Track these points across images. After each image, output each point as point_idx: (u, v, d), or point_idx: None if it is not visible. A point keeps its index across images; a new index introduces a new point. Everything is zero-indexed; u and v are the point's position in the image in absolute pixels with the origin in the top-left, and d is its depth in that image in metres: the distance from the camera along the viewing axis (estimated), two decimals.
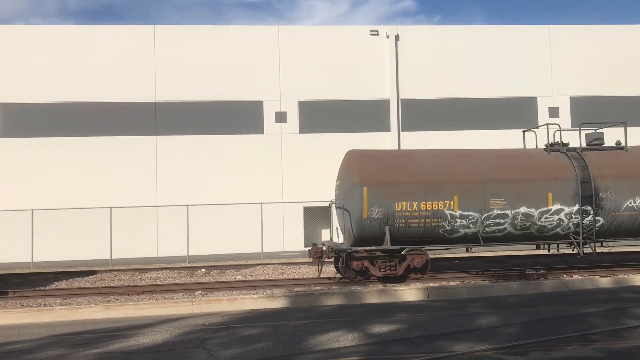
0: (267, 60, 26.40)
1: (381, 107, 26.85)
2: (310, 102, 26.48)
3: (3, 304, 12.97)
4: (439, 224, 14.88)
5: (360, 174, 14.88)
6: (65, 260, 23.20)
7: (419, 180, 14.93)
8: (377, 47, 27.11)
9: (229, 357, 7.78)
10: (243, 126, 26.10)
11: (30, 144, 24.89)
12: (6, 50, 25.07)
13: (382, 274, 14.84)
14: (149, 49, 25.85)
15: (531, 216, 15.19)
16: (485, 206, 15.00)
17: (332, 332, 9.16)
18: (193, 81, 25.86)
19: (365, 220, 14.62)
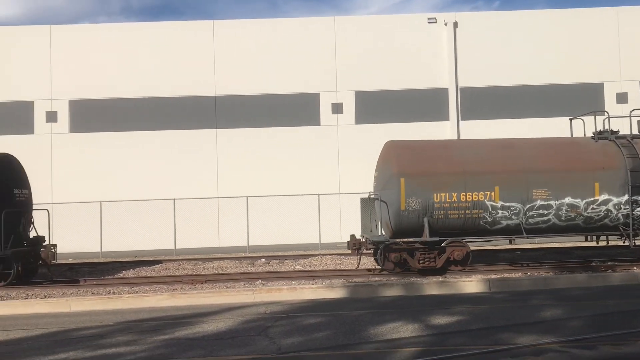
0: (323, 51, 26.44)
1: (439, 96, 26.45)
2: (366, 93, 26.38)
3: (75, 291, 13.61)
4: (480, 216, 14.56)
5: (398, 164, 14.71)
6: (132, 250, 24.08)
7: (458, 170, 14.64)
8: (435, 35, 26.68)
9: (290, 345, 7.90)
10: (300, 118, 26.29)
11: (97, 138, 25.90)
12: (73, 49, 26.12)
13: (421, 266, 14.65)
14: (208, 44, 26.37)
15: (577, 207, 14.68)
16: (528, 197, 14.58)
17: (392, 322, 9.15)
18: (251, 74, 26.22)
19: (403, 211, 14.44)
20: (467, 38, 26.60)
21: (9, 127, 25.51)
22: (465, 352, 7.21)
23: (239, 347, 7.89)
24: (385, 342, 8.00)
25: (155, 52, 26.23)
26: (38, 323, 10.42)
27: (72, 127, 26.03)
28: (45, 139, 25.82)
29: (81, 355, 7.77)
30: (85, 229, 23.98)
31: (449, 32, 26.53)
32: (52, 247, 15.58)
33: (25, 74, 25.79)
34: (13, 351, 8.18)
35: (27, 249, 15.49)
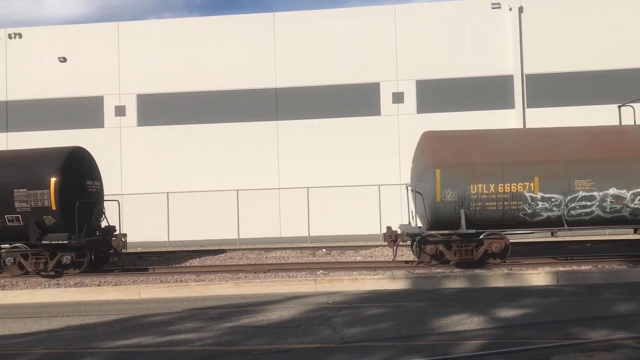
0: (383, 40, 26.20)
1: (504, 83, 25.72)
2: (428, 81, 25.96)
3: (145, 279, 14.12)
4: (519, 207, 14.11)
5: (434, 155, 14.41)
6: (197, 239, 24.74)
7: (495, 161, 14.23)
8: (499, 20, 25.93)
9: (353, 335, 7.93)
10: (360, 108, 26.18)
11: (164, 131, 26.67)
12: (139, 45, 26.94)
13: (458, 259, 14.36)
14: (269, 36, 26.62)
15: (622, 198, 14.02)
16: (570, 188, 14.05)
17: (456, 314, 9.03)
18: (311, 66, 26.30)
19: (439, 203, 14.13)
20: (533, 23, 25.70)
21: (81, 121, 26.63)
22: (534, 345, 7.03)
23: (303, 336, 7.98)
24: (449, 334, 7.90)
25: (218, 46, 26.70)
26: (110, 309, 10.90)
27: (139, 120, 26.93)
28: (115, 132, 26.84)
29: (151, 341, 8.07)
30: (153, 219, 24.81)
31: (513, 18, 25.72)
32: (123, 237, 16.22)
33: (95, 70, 26.82)
34: (89, 335, 8.58)
35: (99, 238, 16.18)
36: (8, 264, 15.42)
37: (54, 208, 14.99)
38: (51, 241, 15.12)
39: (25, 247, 15.36)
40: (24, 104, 27.07)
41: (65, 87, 26.79)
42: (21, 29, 27.56)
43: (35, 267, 15.26)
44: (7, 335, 8.79)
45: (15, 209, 15.09)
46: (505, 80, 25.72)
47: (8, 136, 26.67)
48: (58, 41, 27.04)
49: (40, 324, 9.59)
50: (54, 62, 26.89)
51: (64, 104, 26.83)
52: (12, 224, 15.22)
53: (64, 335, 8.63)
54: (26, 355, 7.53)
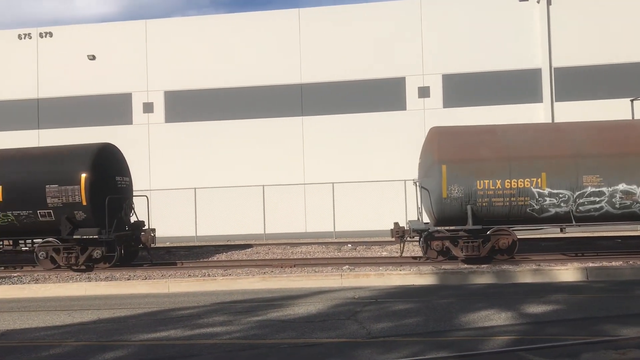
0: (408, 34, 26.03)
1: (531, 77, 25.35)
2: (454, 75, 25.74)
3: (174, 273, 14.31)
4: (526, 203, 13.94)
5: (440, 151, 14.30)
6: (224, 234, 24.97)
7: (502, 156, 14.06)
8: (527, 13, 25.55)
9: (380, 330, 7.94)
10: (385, 103, 26.07)
11: (190, 127, 26.94)
12: (167, 42, 27.23)
13: (464, 255, 14.24)
14: (294, 32, 26.66)
15: (632, 194, 13.77)
16: (578, 183, 13.84)
17: (483, 310, 8.97)
18: (336, 61, 26.27)
19: (445, 199, 14.05)
20: (562, 15, 25.26)
21: (110, 118, 27.06)
22: (563, 342, 6.96)
23: (330, 331, 8.02)
24: (477, 329, 7.85)
25: (243, 43, 26.84)
26: (140, 302, 11.08)
27: (167, 117, 27.24)
28: (143, 129, 27.19)
29: (181, 334, 8.19)
30: (181, 214, 25.10)
31: (541, 10, 25.32)
32: (152, 231, 16.46)
33: (123, 68, 27.20)
34: (120, 328, 8.74)
35: (129, 233, 16.44)
36: (41, 258, 15.77)
37: (85, 203, 15.27)
38: (82, 236, 15.42)
39: (57, 241, 15.69)
40: (54, 102, 27.60)
41: (95, 85, 27.24)
42: (52, 27, 28.08)
43: (67, 261, 15.58)
44: (41, 327, 9.00)
45: (47, 205, 15.41)
46: (533, 73, 25.36)
47: (40, 133, 27.23)
48: (87, 39, 27.48)
49: (73, 316, 9.80)
50: (83, 60, 27.34)
51: (93, 101, 27.29)
52: (44, 219, 15.56)
53: (95, 328, 8.81)
54: (59, 346, 7.71)
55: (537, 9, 25.39)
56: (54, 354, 7.36)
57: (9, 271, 15.98)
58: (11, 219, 15.58)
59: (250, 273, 13.78)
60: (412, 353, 6.76)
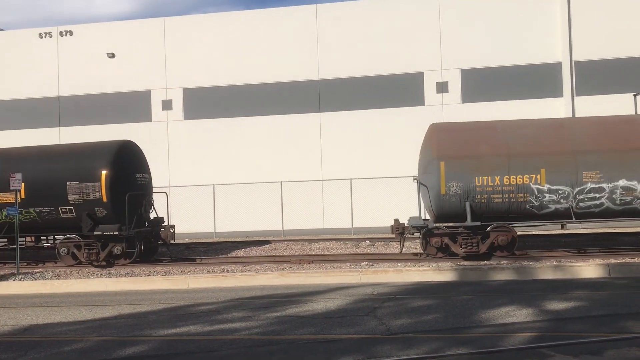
0: (427, 29, 25.86)
1: (552, 71, 25.05)
2: (473, 70, 25.53)
3: (193, 269, 14.40)
4: (526, 200, 13.84)
5: (438, 147, 14.24)
6: (243, 230, 25.08)
7: (501, 152, 13.94)
8: (547, 6, 25.22)
9: (399, 327, 7.91)
10: (403, 99, 25.95)
11: (209, 124, 27.07)
12: (185, 39, 27.37)
13: (463, 252, 14.14)
14: (311, 28, 26.64)
15: (633, 190, 13.58)
16: (578, 179, 13.70)
17: (504, 307, 8.89)
18: (353, 57, 26.19)
19: (444, 196, 13.96)
20: (583, 8, 24.90)
21: (130, 115, 27.30)
22: (586, 339, 6.87)
23: (349, 327, 8.01)
24: (497, 326, 7.79)
25: (261, 39, 26.88)
26: (160, 298, 11.17)
27: (185, 114, 27.41)
28: (162, 126, 27.39)
29: (200, 330, 8.24)
30: (200, 211, 25.25)
31: (562, 3, 24.97)
32: (171, 228, 16.57)
33: (142, 65, 27.42)
34: (140, 323, 8.82)
35: (149, 229, 16.57)
36: (62, 254, 15.98)
37: (105, 200, 15.42)
38: (102, 232, 15.58)
39: (78, 238, 15.87)
40: (75, 100, 27.92)
41: (114, 82, 27.49)
42: (72, 26, 28.38)
43: (88, 257, 15.76)
44: (64, 323, 9.12)
45: (68, 201, 15.59)
46: (553, 67, 25.06)
47: (60, 131, 27.58)
48: (107, 37, 27.74)
49: (94, 312, 9.92)
50: (103, 58, 27.61)
51: (112, 98, 27.55)
52: (65, 216, 15.75)
53: (116, 323, 8.90)
54: (81, 342, 7.81)
55: (558, 2, 25.06)
56: (76, 349, 7.45)
57: (32, 267, 16.22)
58: (33, 216, 15.79)
59: (268, 269, 13.82)
60: (431, 350, 6.73)
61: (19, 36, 28.85)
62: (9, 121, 27.88)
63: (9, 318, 9.61)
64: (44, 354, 7.23)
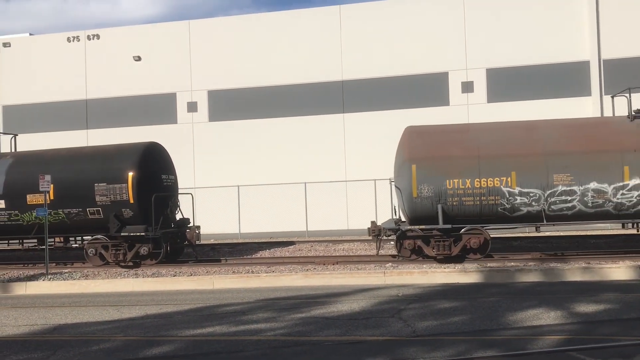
0: (451, 29, 25.65)
1: (579, 69, 24.63)
2: (498, 69, 25.23)
3: (218, 270, 14.48)
4: (497, 202, 13.76)
5: (410, 150, 14.29)
6: (267, 231, 25.15)
7: (472, 155, 13.90)
8: (574, 4, 24.81)
9: (425, 329, 7.84)
10: (428, 99, 25.76)
11: (234, 126, 27.23)
12: (209, 42, 27.56)
13: (435, 254, 14.13)
14: (335, 29, 26.62)
15: (604, 192, 13.44)
16: (549, 182, 13.61)
17: (531, 309, 8.75)
18: (377, 57, 26.10)
19: (416, 198, 14.00)
20: (611, 5, 24.44)
21: (155, 117, 27.61)
22: (617, 342, 6.72)
23: (374, 328, 7.96)
24: (525, 328, 7.67)
25: (284, 41, 26.95)
26: (186, 299, 11.25)
27: (210, 116, 27.61)
28: (187, 127, 27.64)
29: (226, 330, 8.27)
30: (225, 212, 25.38)
31: (590, 1, 24.55)
32: (197, 229, 16.69)
33: (168, 68, 27.70)
34: (166, 324, 8.90)
35: (174, 230, 16.71)
36: (90, 255, 16.20)
37: (132, 201, 15.59)
38: (129, 233, 15.76)
39: (105, 238, 16.08)
40: (102, 102, 28.33)
41: (140, 85, 27.83)
42: (99, 30, 28.84)
43: (115, 257, 15.95)
44: (92, 322, 9.24)
45: (96, 202, 15.81)
46: (581, 66, 24.65)
47: (88, 133, 28.01)
48: (133, 41, 28.09)
49: (121, 312, 10.03)
50: (129, 61, 27.97)
51: (139, 101, 27.90)
52: (93, 217, 15.97)
53: (143, 323, 8.98)
54: (109, 341, 7.90)
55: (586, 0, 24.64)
56: (103, 349, 7.54)
57: (60, 267, 16.48)
58: (62, 217, 16.04)
59: (293, 270, 13.82)
60: (458, 352, 6.65)
61: (48, 41, 29.40)
62: (38, 124, 28.40)
63: (39, 317, 9.77)
64: (72, 353, 7.33)
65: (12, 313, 10.30)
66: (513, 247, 17.30)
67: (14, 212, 16.37)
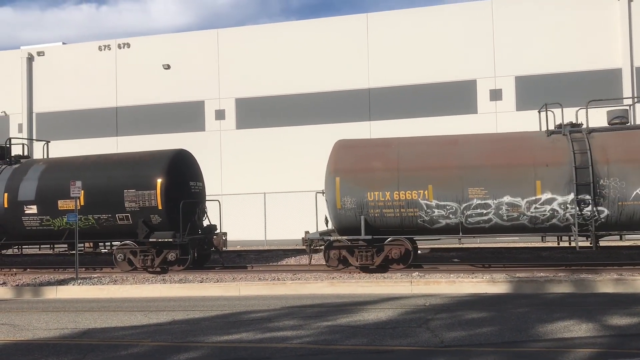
0: (480, 37, 25.46)
1: (611, 77, 24.20)
2: (527, 77, 24.94)
3: (244, 276, 14.54)
4: (416, 214, 14.19)
5: (335, 163, 14.76)
6: (293, 238, 25.12)
7: (392, 168, 14.31)
8: (606, 11, 24.42)
9: (453, 339, 7.73)
10: (455, 107, 25.57)
11: (260, 133, 27.39)
12: (237, 50, 27.82)
13: (359, 264, 14.57)
14: (362, 37, 26.64)
15: (518, 206, 13.54)
16: (464, 195, 13.93)
17: (562, 321, 8.58)
18: (404, 65, 26.03)
19: (340, 210, 14.44)
20: None
21: (184, 125, 27.93)
22: None
23: (401, 338, 7.89)
24: (556, 341, 7.52)
25: (312, 49, 27.06)
26: (212, 305, 11.31)
27: (238, 123, 27.83)
28: (215, 135, 27.89)
29: (252, 337, 8.28)
30: (251, 219, 25.50)
31: (622, 7, 24.14)
32: (223, 235, 16.81)
33: (196, 76, 28.02)
34: (194, 329, 8.95)
35: (202, 236, 16.84)
36: (119, 260, 16.42)
37: (160, 207, 15.78)
38: (157, 239, 15.93)
39: (134, 244, 16.28)
40: (131, 110, 28.78)
41: (169, 93, 28.20)
42: (129, 39, 29.33)
43: (143, 263, 16.14)
44: (120, 327, 9.34)
45: (125, 208, 16.03)
46: (612, 74, 24.22)
47: (118, 140, 28.45)
48: (162, 49, 28.51)
49: (149, 317, 10.12)
50: (158, 69, 28.37)
51: (167, 108, 28.27)
52: (122, 222, 16.20)
53: (170, 329, 9.05)
54: (137, 346, 7.97)
55: (618, 6, 24.25)
56: (131, 354, 7.61)
57: (90, 272, 16.73)
58: (92, 222, 16.30)
59: (318, 278, 13.81)
60: None
61: (80, 49, 30.02)
62: (70, 131, 28.96)
63: (69, 321, 9.92)
64: (101, 357, 7.41)
65: (43, 317, 10.47)
66: (542, 257, 17.03)
67: (46, 217, 16.69)
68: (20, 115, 29.99)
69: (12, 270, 17.50)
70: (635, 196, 13.34)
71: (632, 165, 13.42)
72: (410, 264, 14.67)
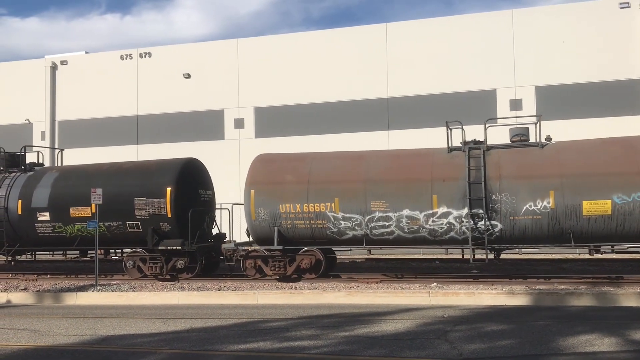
0: (499, 47, 25.33)
1: (633, 87, 23.90)
2: (548, 87, 24.74)
3: (262, 285, 14.56)
4: (325, 226, 14.74)
5: (252, 176, 15.39)
6: None
7: (302, 181, 14.93)
8: (628, 20, 24.18)
9: (472, 352, 7.65)
10: (475, 116, 25.32)
11: (279, 142, 27.36)
12: (257, 59, 27.98)
13: (272, 273, 15.19)
14: (381, 47, 26.66)
15: (416, 219, 14.03)
16: (367, 208, 14.49)
17: (584, 334, 8.43)
18: (423, 74, 25.98)
19: (255, 221, 15.05)
20: None
21: (204, 133, 28.13)
22: None
23: (419, 350, 7.82)
24: (577, 355, 7.39)
25: (331, 58, 27.12)
26: (230, 313, 11.33)
27: (257, 132, 27.96)
28: (234, 144, 28.04)
29: (270, 346, 8.27)
30: None
31: None
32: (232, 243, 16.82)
33: (216, 85, 28.25)
34: (211, 338, 8.96)
35: (210, 244, 16.91)
36: (129, 267, 16.55)
37: (170, 216, 15.90)
38: (167, 247, 16.04)
39: (144, 251, 16.39)
40: (152, 118, 29.07)
41: (189, 102, 28.45)
42: (150, 48, 29.69)
43: (153, 270, 16.24)
44: (138, 334, 9.39)
45: (135, 216, 16.17)
46: (635, 84, 23.92)
47: (138, 148, 28.74)
48: (183, 58, 28.80)
49: (167, 325, 10.16)
50: (179, 78, 28.66)
51: (187, 117, 28.50)
52: (132, 230, 16.33)
53: (188, 337, 9.07)
54: (155, 354, 8.00)
55: (639, 16, 23.98)
56: None
57: (109, 279, 16.86)
58: (103, 230, 16.36)
59: (336, 287, 13.77)
60: None
61: (102, 58, 30.46)
62: (92, 139, 29.32)
63: (88, 328, 10.00)
64: None
65: (63, 322, 10.57)
66: (563, 269, 16.82)
67: (58, 224, 16.90)
68: (43, 123, 30.46)
69: (34, 276, 17.71)
70: (525, 211, 13.75)
71: (523, 181, 13.90)
72: (321, 273, 15.19)
